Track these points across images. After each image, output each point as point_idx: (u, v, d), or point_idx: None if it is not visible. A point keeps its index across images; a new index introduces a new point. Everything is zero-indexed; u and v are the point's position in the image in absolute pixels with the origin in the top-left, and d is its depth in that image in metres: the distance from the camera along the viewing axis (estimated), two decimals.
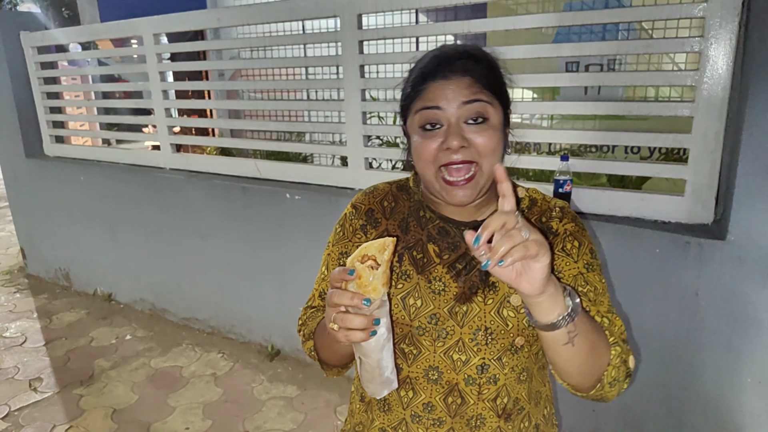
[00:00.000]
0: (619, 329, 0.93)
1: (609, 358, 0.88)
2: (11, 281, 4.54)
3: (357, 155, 2.69)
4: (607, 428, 2.20)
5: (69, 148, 4.17)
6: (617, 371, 0.89)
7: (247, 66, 4.21)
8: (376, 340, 0.83)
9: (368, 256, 0.79)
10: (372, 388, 0.89)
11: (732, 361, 1.86)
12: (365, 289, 0.79)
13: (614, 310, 0.96)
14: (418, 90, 0.91)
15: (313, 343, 1.06)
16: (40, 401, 2.82)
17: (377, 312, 0.81)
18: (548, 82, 2.31)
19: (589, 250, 0.97)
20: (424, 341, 0.97)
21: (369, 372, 0.87)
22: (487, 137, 0.89)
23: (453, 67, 0.89)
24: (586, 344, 0.83)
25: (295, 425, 2.58)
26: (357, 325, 0.79)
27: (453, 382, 0.97)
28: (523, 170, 3.17)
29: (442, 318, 0.95)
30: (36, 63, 3.98)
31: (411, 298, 0.97)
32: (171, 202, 3.40)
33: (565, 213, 1.00)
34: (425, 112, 0.89)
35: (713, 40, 1.81)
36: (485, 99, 0.89)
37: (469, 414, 0.97)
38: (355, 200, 1.09)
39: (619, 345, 0.90)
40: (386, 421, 1.03)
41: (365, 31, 2.52)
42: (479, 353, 0.95)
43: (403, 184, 1.09)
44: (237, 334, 3.37)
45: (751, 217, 1.73)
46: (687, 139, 1.93)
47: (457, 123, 0.88)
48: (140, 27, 3.25)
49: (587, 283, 0.94)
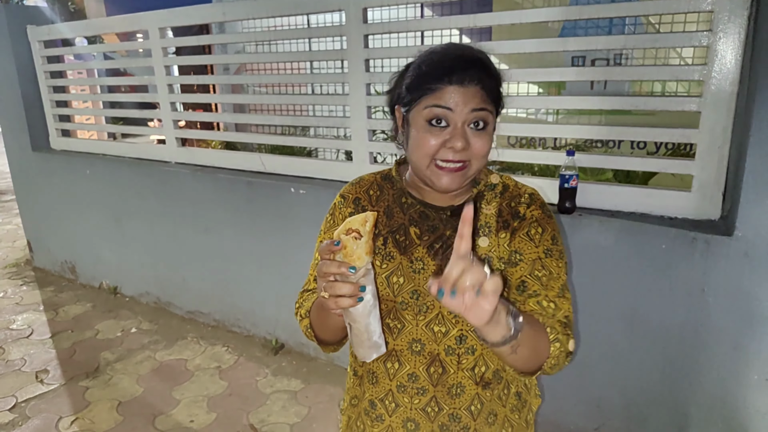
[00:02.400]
0: (563, 313, 1.02)
1: (549, 352, 0.97)
2: (18, 274, 4.56)
3: (362, 150, 2.69)
4: (611, 424, 2.20)
5: (75, 142, 4.18)
6: (556, 359, 0.98)
7: (252, 60, 4.21)
8: (363, 306, 0.90)
9: (352, 230, 0.87)
10: (362, 352, 0.97)
11: (738, 358, 1.85)
12: (350, 258, 0.87)
13: (566, 293, 1.04)
14: (432, 88, 0.96)
15: (309, 321, 1.12)
16: (46, 393, 2.83)
17: (363, 280, 0.89)
18: (554, 76, 2.29)
19: (551, 236, 1.05)
20: (407, 315, 1.06)
21: (358, 337, 0.95)
22: (483, 142, 0.98)
23: (470, 76, 0.95)
24: (527, 350, 0.92)
25: (299, 419, 2.58)
26: (345, 292, 0.87)
27: (434, 353, 1.06)
28: (529, 165, 3.17)
29: (423, 293, 1.05)
30: (42, 57, 3.99)
31: (394, 276, 1.06)
32: (176, 195, 3.40)
33: (534, 200, 1.08)
34: (436, 109, 0.96)
35: (722, 34, 1.79)
36: (489, 109, 0.98)
37: (450, 383, 1.07)
38: (343, 190, 1.19)
39: (559, 339, 0.97)
40: (374, 393, 1.12)
41: (370, 25, 2.51)
42: (457, 325, 1.04)
43: (387, 174, 1.18)
44: (241, 328, 3.38)
45: (759, 213, 1.72)
46: (694, 134, 1.91)
47: (462, 126, 0.96)
48: (146, 21, 3.25)
49: (543, 268, 1.03)
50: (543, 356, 0.96)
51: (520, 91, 4.30)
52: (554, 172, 2.84)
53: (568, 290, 1.05)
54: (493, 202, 1.07)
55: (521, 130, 2.61)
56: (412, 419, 1.09)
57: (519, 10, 2.13)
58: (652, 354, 2.03)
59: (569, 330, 1.01)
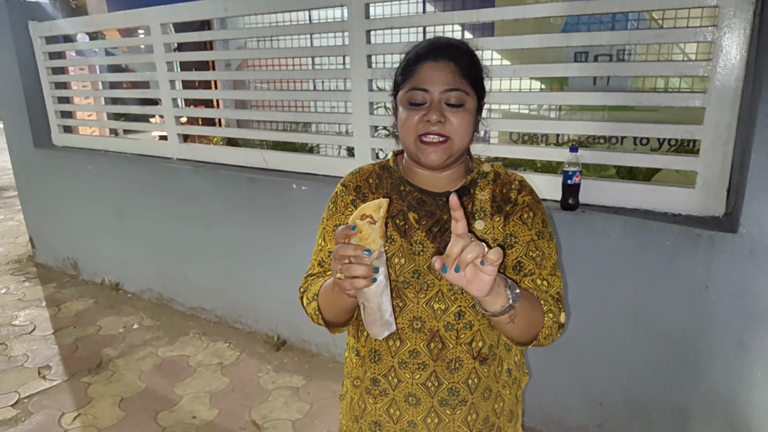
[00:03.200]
0: (555, 289, 1.12)
1: (543, 322, 1.06)
2: (20, 270, 4.57)
3: (364, 146, 2.68)
4: (614, 421, 2.19)
5: (77, 138, 4.18)
6: (549, 330, 1.07)
7: (254, 56, 4.20)
8: (376, 286, 0.95)
9: (366, 215, 0.92)
10: (374, 329, 1.02)
11: (742, 355, 1.85)
12: (365, 242, 0.92)
13: (557, 272, 1.14)
14: (411, 69, 1.08)
15: (317, 303, 1.16)
16: (48, 389, 2.84)
17: (376, 262, 0.93)
18: (557, 72, 2.28)
19: (541, 219, 1.14)
20: (409, 293, 1.11)
21: (371, 315, 1.00)
22: (460, 118, 1.05)
23: (442, 53, 1.06)
24: (524, 320, 1.00)
25: (301, 415, 2.59)
26: (360, 273, 0.92)
27: (434, 329, 1.12)
28: (532, 161, 3.16)
29: (423, 273, 1.11)
30: (44, 53, 3.99)
31: (395, 257, 1.12)
32: (178, 192, 3.40)
33: (523, 186, 1.16)
34: (414, 92, 1.06)
35: (726, 29, 1.78)
36: (463, 89, 1.05)
37: (449, 357, 1.13)
38: (344, 180, 1.26)
39: (551, 310, 1.07)
40: (377, 371, 1.18)
41: (372, 21, 2.50)
42: (456, 302, 1.10)
43: (385, 164, 1.25)
44: (243, 324, 3.38)
45: (764, 210, 1.71)
46: (698, 130, 1.90)
47: (438, 102, 1.05)
48: (147, 17, 3.24)
49: (537, 249, 1.12)
50: (538, 326, 1.05)
51: (522, 87, 4.28)
52: (557, 169, 2.83)
53: (558, 269, 1.14)
54: (486, 189, 1.15)
55: (524, 126, 2.59)
56: (413, 394, 1.15)
57: (522, 5, 2.11)
58: (655, 351, 2.03)
59: (560, 304, 1.11)
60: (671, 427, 2.06)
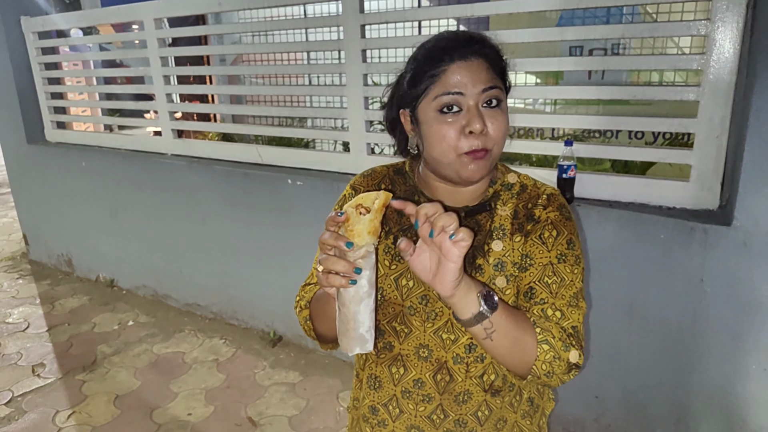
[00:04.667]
0: (570, 323, 0.94)
1: (536, 354, 0.90)
2: (14, 267, 4.55)
3: (359, 140, 2.67)
4: (610, 415, 2.20)
5: (70, 134, 4.15)
6: (550, 366, 0.90)
7: (248, 51, 4.18)
8: (355, 290, 0.85)
9: (362, 206, 0.82)
10: (345, 342, 0.89)
11: (737, 348, 1.85)
12: (350, 233, 0.82)
13: (577, 302, 0.96)
14: (435, 74, 0.92)
15: (308, 312, 1.08)
16: (42, 387, 2.83)
17: (361, 262, 0.83)
18: (552, 66, 2.28)
19: (567, 240, 0.98)
20: (415, 321, 1.01)
21: (344, 323, 0.88)
22: (500, 122, 0.92)
23: (472, 50, 0.92)
24: (505, 340, 0.88)
25: (297, 411, 2.58)
26: (338, 269, 0.82)
27: (442, 360, 1.01)
28: (527, 155, 3.15)
29: (432, 299, 0.99)
30: (37, 48, 3.96)
31: (404, 279, 1.01)
32: (173, 187, 3.38)
33: (552, 201, 1.01)
34: (445, 97, 0.91)
35: (720, 23, 1.77)
36: (499, 86, 0.93)
37: (457, 390, 1.01)
38: (353, 182, 1.14)
39: (548, 342, 0.90)
40: (376, 399, 1.07)
41: (367, 15, 2.49)
42: (467, 333, 0.97)
43: (400, 168, 1.12)
44: (239, 320, 3.38)
45: (758, 202, 1.71)
46: (692, 123, 1.90)
47: (476, 106, 0.91)
48: (141, 12, 3.22)
49: (554, 275, 0.96)
50: (527, 356, 0.90)
51: (518, 81, 4.28)
52: (552, 163, 2.83)
53: (582, 299, 0.97)
54: (509, 203, 1.01)
55: (519, 120, 2.59)
56: (416, 426, 1.04)
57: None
58: (650, 344, 2.03)
59: (573, 340, 0.92)
60: (667, 419, 2.07)
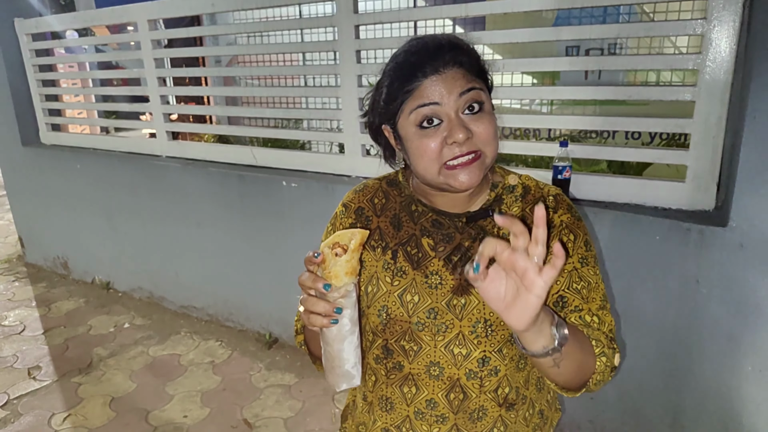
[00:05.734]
0: (608, 326, 0.93)
1: (595, 368, 0.88)
2: (10, 270, 4.53)
3: (354, 142, 2.66)
4: (605, 416, 2.19)
5: (65, 136, 4.13)
6: (602, 375, 0.89)
7: (243, 52, 4.17)
8: (337, 329, 0.85)
9: (339, 244, 0.81)
10: (331, 378, 0.90)
11: (732, 349, 1.84)
12: (327, 275, 0.81)
13: (606, 305, 0.95)
14: (409, 89, 0.88)
15: (303, 337, 1.07)
16: (38, 389, 2.81)
17: (341, 301, 0.83)
18: (548, 66, 2.27)
19: (584, 242, 0.96)
20: (424, 336, 0.96)
21: (329, 362, 0.89)
22: (486, 124, 0.88)
23: (444, 61, 0.87)
24: (572, 365, 0.83)
25: (293, 413, 2.57)
26: (319, 310, 0.82)
27: (454, 378, 0.96)
28: (522, 156, 3.15)
29: (441, 312, 0.95)
30: (31, 50, 3.94)
31: (408, 294, 0.96)
32: (168, 190, 3.37)
33: (560, 202, 0.98)
34: (423, 109, 0.87)
35: (716, 22, 1.77)
36: (478, 86, 0.89)
37: (472, 408, 0.97)
38: (345, 199, 1.09)
39: (605, 353, 0.89)
40: (389, 420, 1.03)
41: (361, 16, 2.47)
42: (480, 346, 0.94)
43: (393, 178, 1.09)
44: (235, 322, 3.37)
45: (753, 203, 1.70)
46: (688, 124, 1.89)
47: (456, 115, 0.87)
48: (135, 13, 3.20)
49: (581, 279, 0.93)
50: (588, 371, 0.88)
51: (513, 81, 4.27)
52: (548, 163, 2.82)
53: (608, 300, 0.96)
54: (514, 207, 0.97)
55: (515, 120, 2.58)
56: None
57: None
58: (645, 345, 2.02)
59: (614, 344, 0.92)
60: (662, 421, 2.06)
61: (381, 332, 1.00)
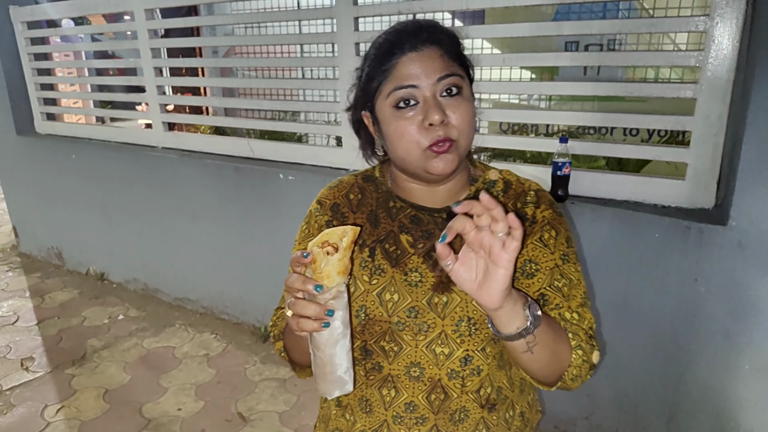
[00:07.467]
0: (588, 323, 0.93)
1: (570, 360, 0.88)
2: (3, 260, 4.50)
3: (352, 135, 2.63)
4: (601, 414, 2.19)
5: (60, 126, 4.10)
6: (579, 370, 0.89)
7: (240, 43, 4.13)
8: (329, 333, 0.81)
9: (328, 243, 0.77)
10: (323, 386, 0.86)
11: (730, 348, 1.84)
12: (318, 275, 0.77)
13: (587, 302, 0.96)
14: (386, 69, 0.88)
15: (282, 343, 1.03)
16: (31, 381, 2.80)
17: (332, 303, 0.79)
18: (547, 61, 2.26)
19: (566, 239, 0.96)
20: (405, 336, 0.94)
21: (320, 368, 0.84)
22: (463, 111, 0.87)
23: (422, 39, 0.87)
24: (546, 352, 0.83)
25: (287, 407, 2.56)
26: (309, 313, 0.78)
27: (435, 378, 0.94)
28: (521, 152, 3.14)
29: (422, 310, 0.93)
30: (26, 38, 3.90)
31: (387, 293, 0.94)
32: (163, 181, 3.35)
33: (541, 198, 0.97)
34: (399, 92, 0.87)
35: (719, 19, 1.75)
36: (458, 73, 0.88)
37: (453, 408, 0.95)
38: (319, 196, 1.08)
39: (581, 347, 0.89)
40: (367, 424, 1.00)
41: (361, 8, 2.45)
42: (463, 345, 0.92)
43: (369, 174, 1.07)
44: (230, 315, 3.35)
45: (754, 202, 1.70)
46: (689, 121, 1.88)
47: (433, 97, 0.86)
48: (132, 2, 3.16)
49: (563, 276, 0.93)
50: (563, 363, 0.88)
51: (513, 76, 4.25)
52: (547, 159, 2.81)
53: (588, 297, 0.96)
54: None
55: (513, 116, 2.57)
56: None
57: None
58: (643, 343, 2.02)
59: (594, 341, 0.92)
60: (658, 419, 2.06)
61: (360, 333, 0.97)
